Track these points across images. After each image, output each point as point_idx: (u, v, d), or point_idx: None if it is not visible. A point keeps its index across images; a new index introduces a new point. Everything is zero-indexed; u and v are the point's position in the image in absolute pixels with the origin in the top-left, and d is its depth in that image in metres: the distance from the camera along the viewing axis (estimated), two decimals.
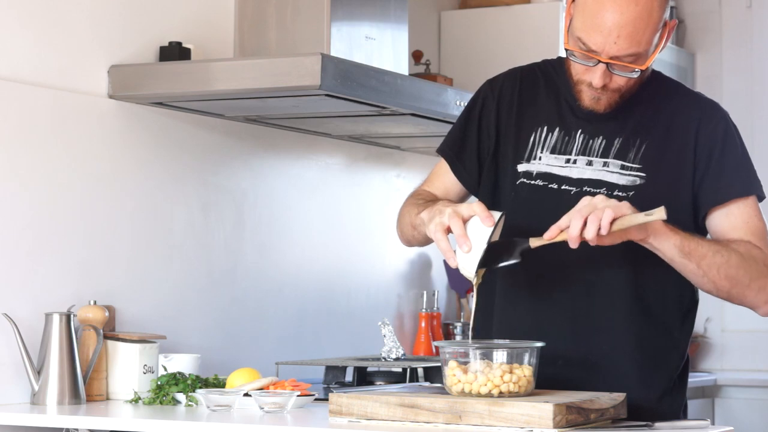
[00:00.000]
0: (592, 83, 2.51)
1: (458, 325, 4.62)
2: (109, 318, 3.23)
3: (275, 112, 3.69)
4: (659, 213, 2.37)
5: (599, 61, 2.47)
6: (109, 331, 3.24)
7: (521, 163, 2.64)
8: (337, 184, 4.23)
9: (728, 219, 2.58)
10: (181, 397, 3.08)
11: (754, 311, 2.59)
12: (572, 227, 2.36)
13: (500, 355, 2.41)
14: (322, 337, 4.12)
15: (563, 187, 2.60)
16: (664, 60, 5.16)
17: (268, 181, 3.94)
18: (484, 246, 2.38)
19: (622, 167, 2.58)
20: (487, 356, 2.41)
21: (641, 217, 2.38)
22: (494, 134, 2.69)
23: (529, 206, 2.62)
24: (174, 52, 3.50)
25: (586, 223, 2.36)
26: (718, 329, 5.59)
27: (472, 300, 4.68)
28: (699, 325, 5.56)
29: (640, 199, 2.54)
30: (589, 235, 2.35)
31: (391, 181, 4.46)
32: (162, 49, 3.52)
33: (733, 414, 5.22)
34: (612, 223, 2.35)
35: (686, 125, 2.60)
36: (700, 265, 2.48)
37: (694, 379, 5.20)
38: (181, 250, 3.61)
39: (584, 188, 2.58)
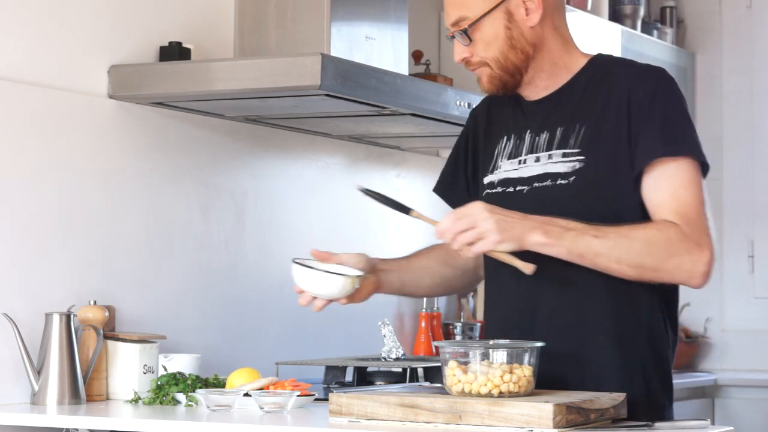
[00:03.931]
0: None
1: (458, 325, 4.61)
2: (109, 318, 3.23)
3: (275, 112, 3.68)
4: (526, 268, 2.46)
5: (449, 37, 2.61)
6: (109, 331, 3.24)
7: (486, 175, 2.71)
8: (337, 184, 4.22)
9: (656, 192, 2.51)
10: (181, 397, 3.08)
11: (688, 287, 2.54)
12: (450, 227, 2.45)
13: (500, 355, 2.41)
14: (322, 337, 4.12)
15: (517, 188, 2.64)
16: (664, 60, 5.16)
17: (268, 181, 3.94)
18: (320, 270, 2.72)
19: (564, 155, 2.59)
20: (487, 356, 2.41)
21: (507, 258, 2.47)
22: (473, 158, 2.78)
23: None
24: (174, 52, 3.50)
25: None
26: (718, 329, 5.58)
27: (471, 301, 4.71)
28: (699, 325, 5.56)
29: (580, 181, 2.54)
30: (457, 246, 2.46)
31: (391, 181, 4.46)
32: (162, 49, 3.52)
33: (733, 414, 5.22)
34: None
35: (619, 97, 2.56)
36: (596, 263, 2.48)
37: (694, 379, 5.20)
38: (181, 250, 3.61)
39: (534, 184, 2.61)
